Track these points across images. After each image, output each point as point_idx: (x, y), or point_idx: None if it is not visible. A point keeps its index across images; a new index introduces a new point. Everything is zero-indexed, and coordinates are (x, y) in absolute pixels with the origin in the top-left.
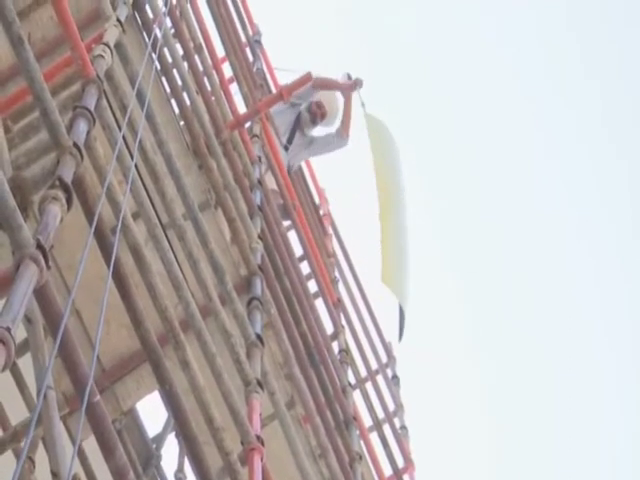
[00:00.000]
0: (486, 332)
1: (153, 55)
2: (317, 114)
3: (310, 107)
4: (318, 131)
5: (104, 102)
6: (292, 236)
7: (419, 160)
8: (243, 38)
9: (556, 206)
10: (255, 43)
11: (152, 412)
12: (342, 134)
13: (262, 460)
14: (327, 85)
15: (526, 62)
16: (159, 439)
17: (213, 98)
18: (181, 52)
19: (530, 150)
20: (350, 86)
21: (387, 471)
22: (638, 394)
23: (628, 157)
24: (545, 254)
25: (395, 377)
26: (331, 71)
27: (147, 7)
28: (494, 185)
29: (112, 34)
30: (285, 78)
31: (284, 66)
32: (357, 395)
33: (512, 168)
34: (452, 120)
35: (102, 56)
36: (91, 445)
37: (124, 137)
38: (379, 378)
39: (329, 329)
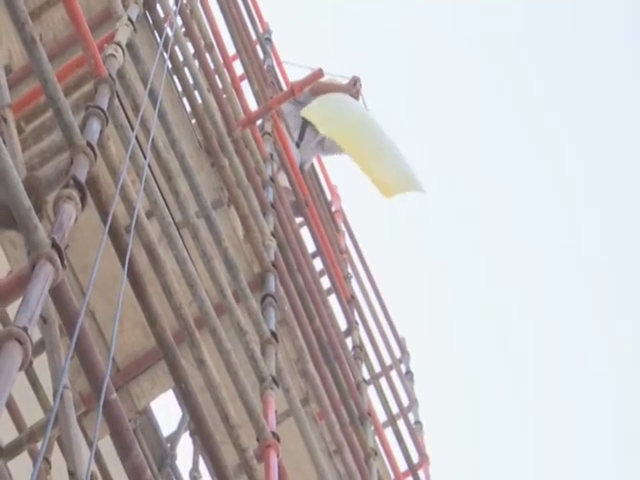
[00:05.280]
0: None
1: (164, 54)
2: None
3: None
4: None
5: (116, 101)
6: (305, 233)
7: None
8: (253, 36)
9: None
10: (265, 41)
11: (166, 411)
12: None
13: (278, 456)
14: (326, 90)
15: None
16: (173, 438)
17: (224, 96)
18: (192, 51)
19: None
20: (349, 86)
21: (402, 466)
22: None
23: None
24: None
25: (409, 372)
26: (341, 69)
27: (158, 6)
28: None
29: (123, 33)
30: (296, 75)
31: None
32: (371, 391)
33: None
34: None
35: (114, 55)
36: (106, 445)
37: (137, 136)
38: (393, 374)
39: (343, 325)
